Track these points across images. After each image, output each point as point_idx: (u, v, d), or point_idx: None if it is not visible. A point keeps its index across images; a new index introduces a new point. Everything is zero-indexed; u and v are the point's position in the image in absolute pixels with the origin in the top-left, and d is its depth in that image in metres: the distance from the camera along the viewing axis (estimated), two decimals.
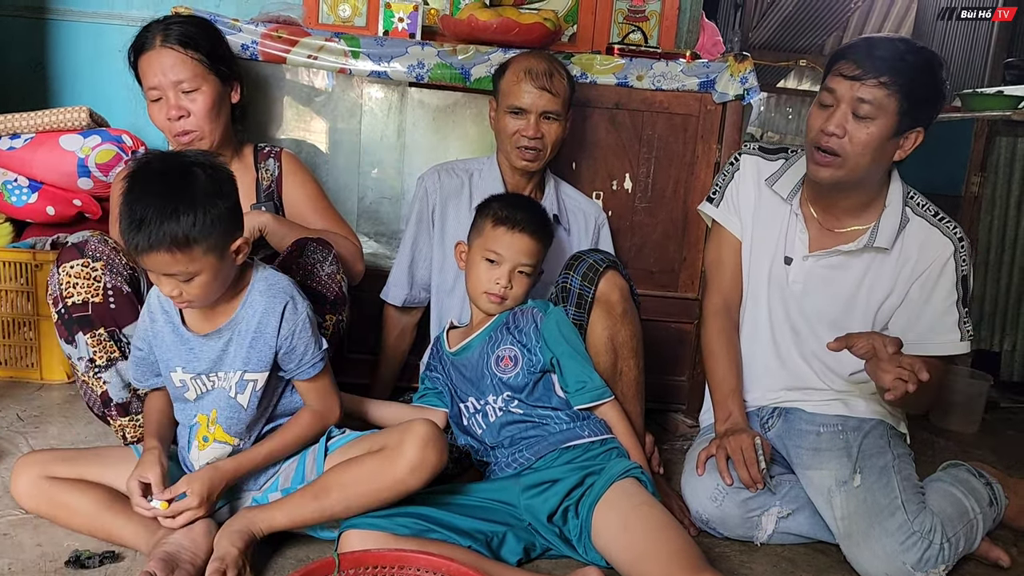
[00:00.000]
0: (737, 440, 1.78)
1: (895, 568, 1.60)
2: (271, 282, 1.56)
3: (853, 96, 1.64)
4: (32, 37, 2.80)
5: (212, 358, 1.55)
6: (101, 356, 1.73)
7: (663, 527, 1.49)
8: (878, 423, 1.84)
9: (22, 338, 2.34)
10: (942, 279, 1.77)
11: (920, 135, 1.69)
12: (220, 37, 1.99)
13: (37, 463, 1.59)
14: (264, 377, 1.56)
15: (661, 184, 2.42)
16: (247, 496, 1.62)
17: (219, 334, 1.54)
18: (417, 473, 1.48)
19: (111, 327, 1.73)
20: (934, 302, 1.78)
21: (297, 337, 1.55)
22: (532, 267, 1.82)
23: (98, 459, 1.63)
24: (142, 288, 1.80)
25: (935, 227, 1.78)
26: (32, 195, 2.35)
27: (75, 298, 1.71)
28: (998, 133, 2.77)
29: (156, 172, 1.40)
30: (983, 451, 2.48)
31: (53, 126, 2.37)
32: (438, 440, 1.50)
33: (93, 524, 1.54)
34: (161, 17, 1.91)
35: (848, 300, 1.83)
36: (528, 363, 1.76)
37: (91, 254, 1.72)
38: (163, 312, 1.58)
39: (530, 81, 2.01)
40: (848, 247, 1.80)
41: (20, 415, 2.12)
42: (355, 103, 2.38)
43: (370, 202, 2.44)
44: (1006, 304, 2.86)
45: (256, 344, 1.53)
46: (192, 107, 1.86)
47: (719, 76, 2.33)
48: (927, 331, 1.79)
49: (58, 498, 1.56)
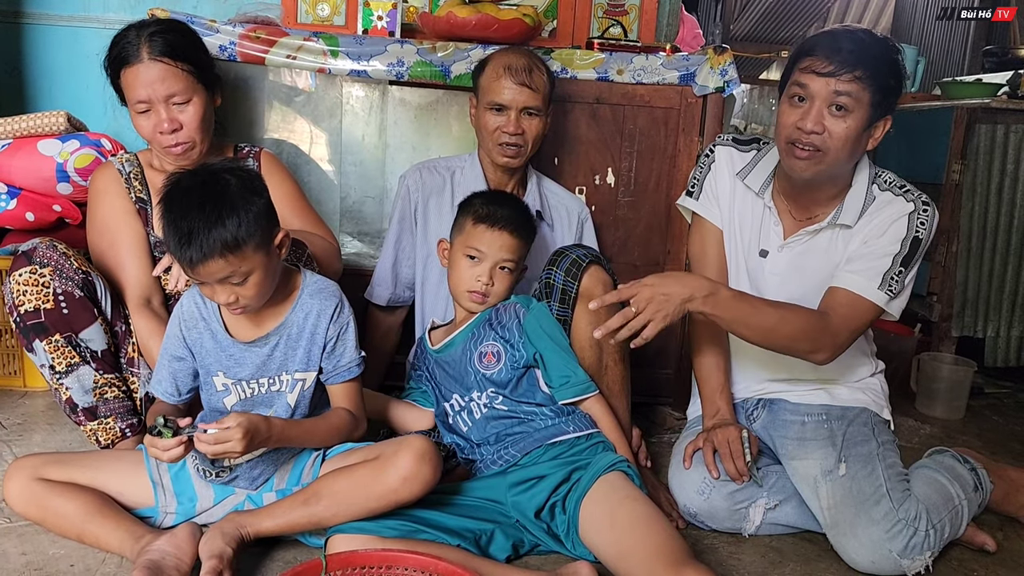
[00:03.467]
0: (724, 433, 1.79)
1: (881, 556, 1.61)
2: (321, 286, 1.63)
3: (829, 92, 1.64)
4: (7, 41, 2.77)
5: (257, 364, 1.58)
6: (60, 362, 1.73)
7: (647, 522, 1.49)
8: (862, 411, 1.84)
9: (4, 345, 2.32)
10: (891, 229, 1.73)
11: (888, 122, 1.71)
12: (201, 43, 1.95)
13: (30, 466, 1.58)
14: (313, 377, 1.61)
15: (644, 178, 2.42)
16: (240, 494, 1.62)
17: (266, 340, 1.58)
18: (409, 484, 1.47)
19: (67, 332, 1.72)
20: (872, 246, 1.74)
21: (341, 338, 1.61)
22: (514, 263, 1.82)
23: (91, 462, 1.62)
24: (98, 292, 1.79)
25: (899, 196, 1.77)
26: (11, 201, 2.33)
27: (27, 306, 1.70)
28: (978, 121, 2.79)
29: (189, 187, 1.44)
30: (968, 437, 2.49)
31: (31, 131, 2.34)
32: (433, 456, 1.50)
33: (81, 529, 1.53)
34: (137, 22, 1.86)
35: (818, 284, 1.82)
36: (511, 359, 1.76)
37: (39, 260, 1.71)
38: (201, 320, 1.59)
39: (510, 77, 2.01)
40: (814, 226, 1.80)
41: (3, 423, 2.11)
42: (336, 102, 2.37)
43: (353, 201, 2.43)
44: (989, 291, 2.87)
45: (308, 344, 1.59)
46: (184, 118, 1.83)
47: (699, 69, 2.33)
48: (850, 264, 1.75)
49: (47, 501, 1.54)
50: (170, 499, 1.60)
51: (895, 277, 1.71)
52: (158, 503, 1.60)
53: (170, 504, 1.60)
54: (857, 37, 1.66)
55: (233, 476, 1.60)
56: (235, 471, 1.59)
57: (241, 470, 1.59)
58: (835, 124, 1.66)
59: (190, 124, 1.84)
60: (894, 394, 1.92)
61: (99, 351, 1.77)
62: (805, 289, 1.83)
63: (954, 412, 2.67)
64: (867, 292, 1.71)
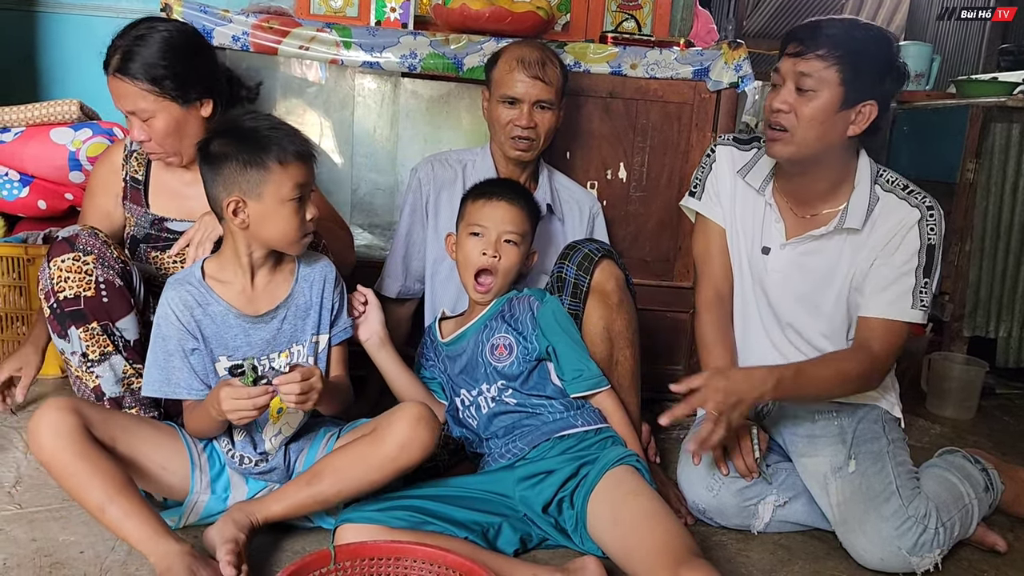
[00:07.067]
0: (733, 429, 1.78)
1: (890, 553, 1.61)
2: (313, 257, 1.70)
3: (796, 72, 1.67)
4: (21, 30, 2.78)
5: (267, 339, 1.60)
6: (94, 350, 1.72)
7: (652, 517, 1.48)
8: (872, 408, 1.84)
9: (15, 333, 2.33)
10: (904, 244, 1.74)
11: (873, 108, 1.69)
12: (182, 56, 1.84)
13: (74, 408, 1.44)
14: (326, 339, 1.67)
15: (656, 173, 2.41)
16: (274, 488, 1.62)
17: (275, 313, 1.61)
18: (407, 450, 1.47)
19: (104, 321, 1.72)
20: (892, 264, 1.74)
21: (340, 300, 1.71)
22: (518, 235, 1.81)
23: (133, 427, 1.56)
24: (134, 282, 1.79)
25: (904, 200, 1.76)
26: (23, 189, 2.34)
27: (67, 292, 1.70)
28: (993, 119, 2.76)
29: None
30: (979, 437, 2.48)
31: (44, 119, 2.35)
32: (430, 419, 1.50)
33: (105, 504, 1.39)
34: (124, 28, 1.82)
35: (825, 284, 1.82)
36: (523, 351, 1.76)
37: (82, 248, 1.71)
38: (197, 305, 1.58)
39: (523, 70, 2.00)
40: (820, 231, 1.79)
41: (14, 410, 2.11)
42: (348, 94, 2.37)
43: (363, 193, 2.43)
44: (1001, 291, 2.85)
45: (319, 308, 1.65)
46: (150, 131, 1.83)
47: (713, 64, 2.32)
48: (876, 291, 1.75)
49: (85, 452, 1.40)
50: (206, 484, 1.60)
51: (923, 290, 1.73)
52: (194, 486, 1.59)
53: (205, 490, 1.60)
54: (837, 23, 1.68)
55: (270, 467, 1.60)
56: (271, 460, 1.59)
57: (276, 459, 1.60)
58: (800, 103, 1.67)
59: (156, 136, 1.83)
60: (905, 393, 1.91)
61: (131, 341, 1.77)
62: (808, 286, 1.83)
63: (965, 412, 2.65)
64: (903, 315, 1.73)
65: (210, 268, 1.62)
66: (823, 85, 1.65)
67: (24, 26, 2.78)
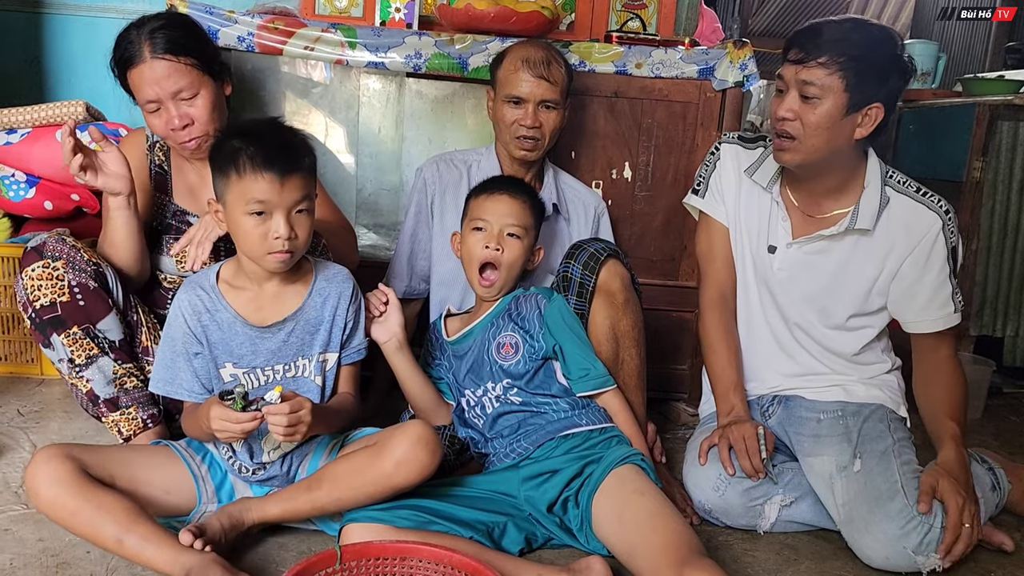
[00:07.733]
0: (739, 429, 1.78)
1: (896, 552, 1.60)
2: (335, 271, 1.67)
3: (799, 80, 1.67)
4: (27, 31, 2.79)
5: (272, 349, 1.58)
6: (79, 354, 1.72)
7: (656, 517, 1.48)
8: (878, 407, 1.83)
9: (22, 333, 2.33)
10: (934, 254, 1.77)
11: (879, 111, 1.68)
12: (204, 34, 1.93)
13: (68, 454, 1.41)
14: (335, 357, 1.64)
15: (661, 172, 2.40)
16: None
17: (283, 324, 1.59)
18: (404, 469, 1.46)
19: (84, 324, 1.72)
20: (928, 278, 1.78)
21: (355, 320, 1.66)
22: (521, 229, 1.81)
23: (126, 458, 1.53)
24: (109, 283, 1.78)
25: (920, 203, 1.77)
26: (30, 190, 2.35)
27: (42, 300, 1.70)
28: (999, 118, 2.75)
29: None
30: (986, 437, 2.47)
31: (50, 120, 2.35)
32: (430, 441, 1.48)
33: (123, 535, 1.37)
34: (136, 20, 1.83)
35: (834, 284, 1.82)
36: (529, 350, 1.76)
37: (50, 255, 1.71)
38: (206, 311, 1.57)
39: (528, 70, 2.00)
40: (830, 231, 1.79)
41: (20, 411, 2.12)
42: (353, 94, 2.37)
43: (369, 194, 2.43)
44: (1008, 289, 2.84)
45: (329, 326, 1.62)
46: (194, 112, 1.81)
47: (718, 63, 2.32)
48: (924, 308, 1.80)
49: (88, 495, 1.38)
50: (211, 493, 1.59)
51: (956, 291, 1.81)
52: (201, 498, 1.58)
53: (211, 499, 1.59)
54: (837, 26, 1.68)
55: (269, 475, 1.60)
56: (269, 468, 1.59)
57: (275, 467, 1.59)
58: (806, 111, 1.68)
59: (201, 117, 1.82)
60: (910, 393, 1.90)
61: (116, 341, 1.78)
62: (816, 286, 1.83)
63: (971, 411, 2.62)
64: (949, 322, 1.81)
65: (226, 272, 1.61)
66: (827, 92, 1.65)
67: (30, 27, 2.79)
